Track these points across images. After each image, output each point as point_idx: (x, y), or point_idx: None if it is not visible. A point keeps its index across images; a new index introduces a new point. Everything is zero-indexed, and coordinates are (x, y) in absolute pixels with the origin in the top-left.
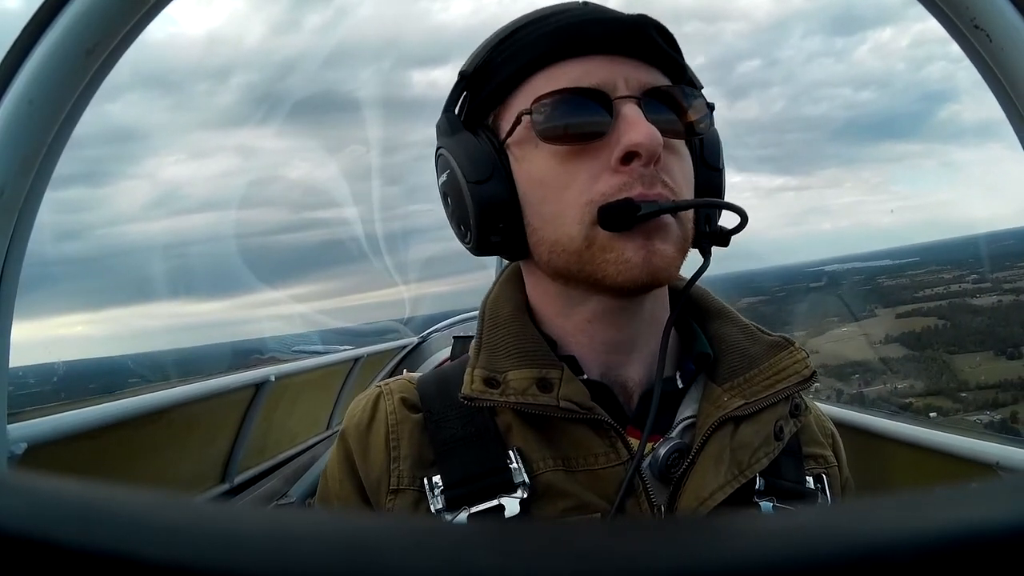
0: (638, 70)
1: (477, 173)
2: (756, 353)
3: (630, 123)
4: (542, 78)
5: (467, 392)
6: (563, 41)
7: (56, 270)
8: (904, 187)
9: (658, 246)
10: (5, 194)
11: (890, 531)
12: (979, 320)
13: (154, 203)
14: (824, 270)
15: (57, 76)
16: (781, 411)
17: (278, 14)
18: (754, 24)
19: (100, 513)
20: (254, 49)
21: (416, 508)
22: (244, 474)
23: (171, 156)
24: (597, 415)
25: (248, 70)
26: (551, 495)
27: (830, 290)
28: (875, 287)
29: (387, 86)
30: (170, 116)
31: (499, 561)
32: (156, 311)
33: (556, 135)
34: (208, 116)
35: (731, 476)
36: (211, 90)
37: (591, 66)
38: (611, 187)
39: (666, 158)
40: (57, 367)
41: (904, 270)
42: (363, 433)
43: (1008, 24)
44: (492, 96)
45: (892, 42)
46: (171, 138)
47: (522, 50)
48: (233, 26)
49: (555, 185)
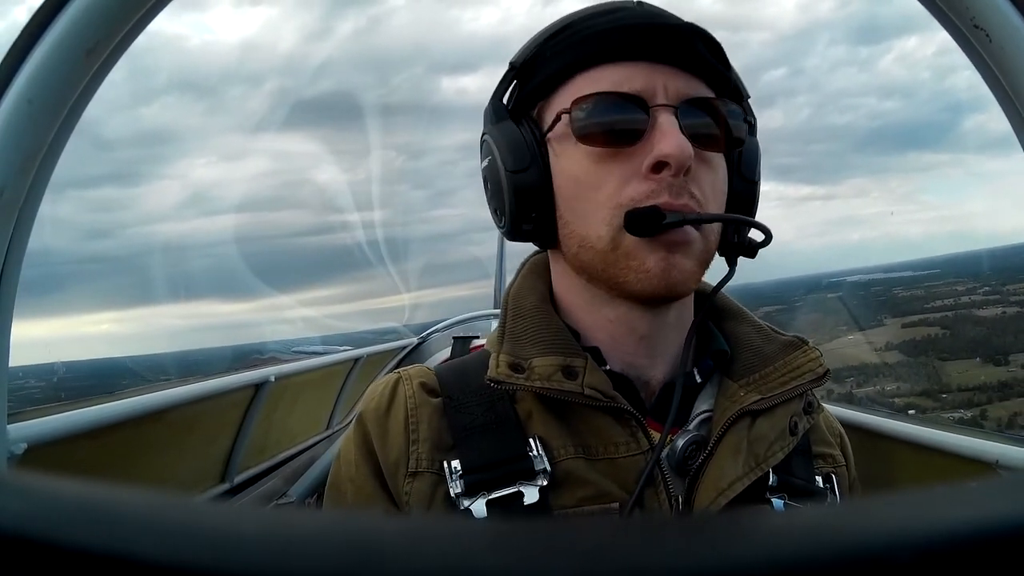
0: (679, 79)
1: (516, 162)
2: (771, 352)
3: (663, 133)
4: (585, 78)
5: (493, 375)
6: (609, 44)
7: (86, 268)
8: (932, 197)
9: (678, 260)
10: (5, 194)
11: (890, 530)
12: (978, 330)
13: (184, 204)
14: (846, 280)
15: (57, 76)
16: (795, 407)
17: (312, 22)
18: (779, 33)
19: (100, 513)
20: (287, 55)
21: (434, 491)
22: (244, 474)
23: (202, 158)
24: (620, 404)
25: (281, 75)
26: (570, 483)
27: (846, 300)
28: (889, 298)
29: (417, 92)
30: (203, 119)
31: (499, 561)
32: (182, 311)
33: (592, 136)
34: (240, 120)
35: (748, 468)
36: (244, 94)
37: (633, 71)
38: (640, 193)
39: (697, 169)
40: (56, 367)
41: (921, 282)
42: (382, 417)
43: (1008, 24)
44: (537, 90)
45: (917, 51)
46: (203, 141)
47: (569, 48)
48: (267, 33)
49: (588, 184)
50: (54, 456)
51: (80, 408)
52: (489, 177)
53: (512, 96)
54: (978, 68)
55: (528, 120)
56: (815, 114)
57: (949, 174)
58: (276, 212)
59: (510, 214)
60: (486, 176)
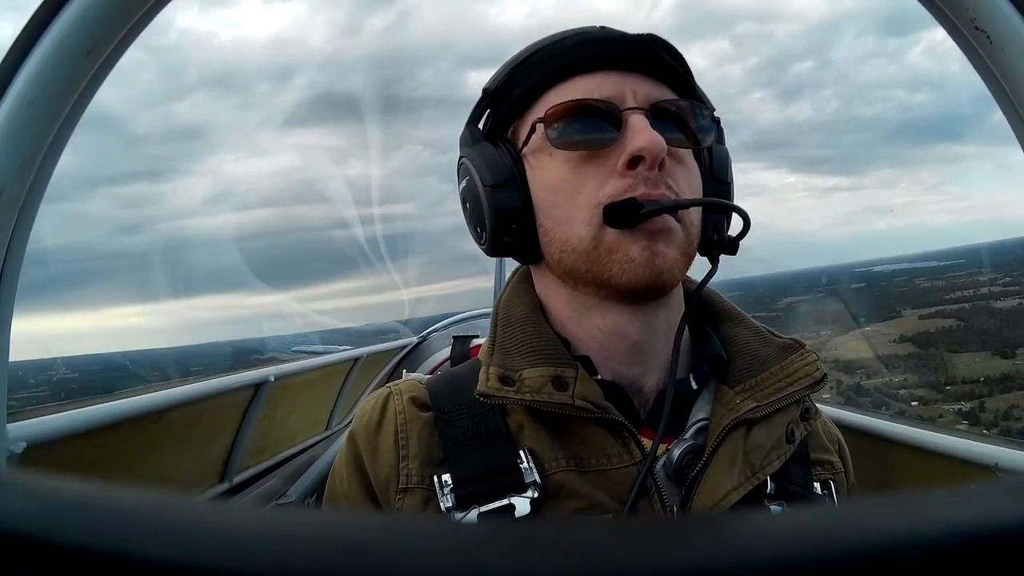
0: (646, 85)
1: (494, 178)
2: (767, 355)
3: (636, 130)
4: (558, 91)
5: (483, 389)
6: (578, 57)
7: (116, 263)
8: (960, 188)
9: (661, 248)
10: (5, 194)
11: (890, 532)
12: (992, 322)
13: (214, 199)
14: (872, 271)
15: (57, 76)
16: (792, 414)
17: (340, 18)
18: (807, 25)
19: (99, 513)
20: (316, 51)
21: (425, 506)
22: (243, 474)
23: (232, 154)
24: (611, 415)
25: (309, 71)
26: (563, 495)
27: (868, 291)
28: (911, 288)
29: (444, 87)
30: (233, 115)
31: (499, 561)
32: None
33: (568, 142)
34: (269, 115)
35: (744, 477)
36: (273, 90)
37: (602, 80)
38: (618, 189)
39: (671, 166)
40: (57, 364)
41: (945, 272)
42: (372, 433)
43: (1008, 25)
44: (511, 111)
45: (946, 42)
46: (233, 136)
47: (539, 67)
48: (296, 29)
49: (567, 190)
50: (54, 456)
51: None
52: (468, 197)
53: (487, 121)
54: (978, 69)
55: (503, 141)
56: (843, 106)
57: (978, 166)
58: (304, 206)
59: (491, 228)
60: (464, 197)
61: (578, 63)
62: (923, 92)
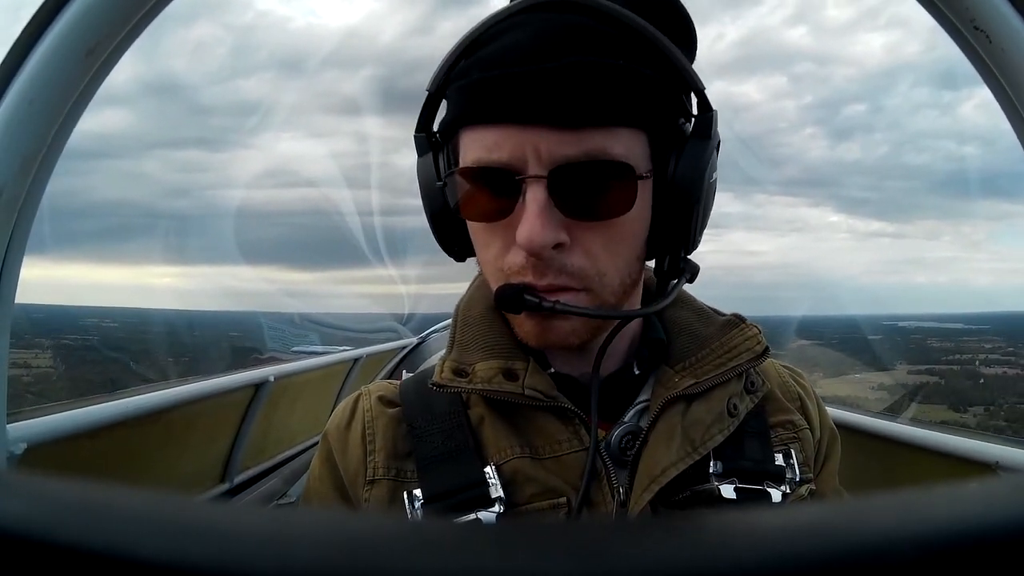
0: (551, 139)
1: (431, 204)
2: (708, 334)
3: (524, 216)
4: (468, 137)
5: (436, 380)
6: (482, 104)
7: (161, 223)
8: (1006, 247)
9: (554, 325)
10: (5, 194)
11: (889, 530)
12: (967, 383)
13: (265, 173)
14: (897, 325)
15: (57, 76)
16: (734, 388)
17: (414, 19)
18: (864, 71)
19: (100, 513)
20: (386, 46)
21: (392, 497)
22: (244, 474)
23: (288, 132)
24: (561, 403)
25: (377, 64)
26: (518, 481)
27: (880, 343)
28: (919, 346)
29: None
30: (296, 96)
31: (499, 561)
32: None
33: (469, 212)
34: (331, 101)
35: (684, 453)
36: (339, 78)
37: (503, 136)
38: (515, 265)
39: (580, 236)
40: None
41: (960, 335)
42: (343, 432)
43: (1008, 25)
44: (449, 126)
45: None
46: (293, 116)
47: (458, 93)
48: (370, 23)
49: (479, 242)
50: (54, 456)
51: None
52: (422, 203)
53: (430, 125)
54: (978, 69)
55: (449, 149)
56: (892, 152)
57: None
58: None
59: (438, 240)
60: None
61: (483, 111)
62: (972, 145)
